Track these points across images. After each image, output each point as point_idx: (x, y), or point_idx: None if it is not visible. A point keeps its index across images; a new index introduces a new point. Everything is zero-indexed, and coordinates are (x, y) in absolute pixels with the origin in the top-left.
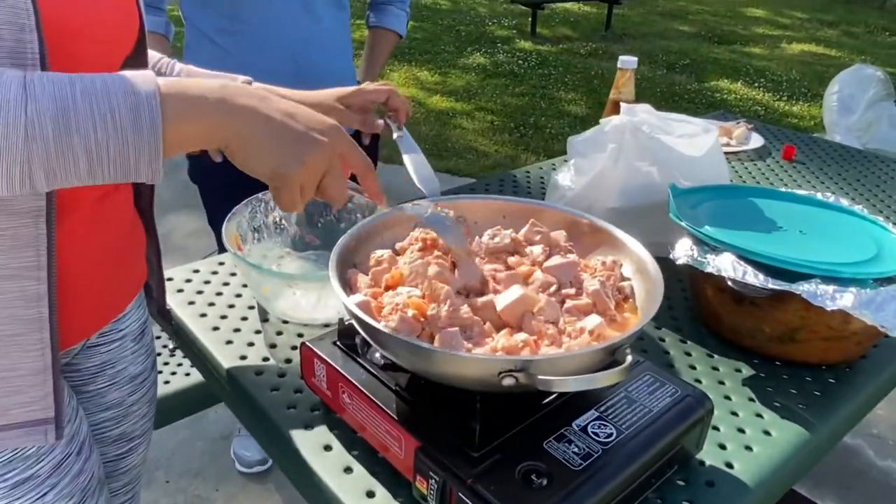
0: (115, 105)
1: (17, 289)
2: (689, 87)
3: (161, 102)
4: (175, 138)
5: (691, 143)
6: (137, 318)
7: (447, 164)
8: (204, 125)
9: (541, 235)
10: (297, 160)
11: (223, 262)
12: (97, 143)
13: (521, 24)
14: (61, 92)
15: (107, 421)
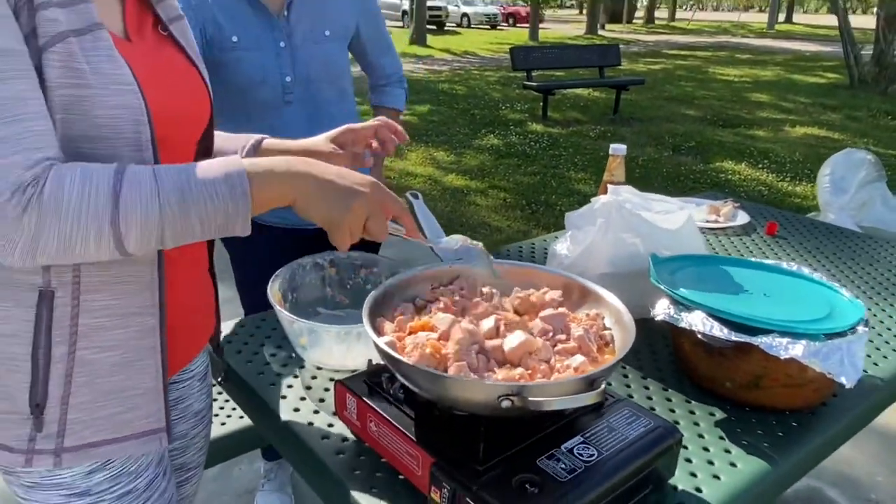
0: (218, 186)
1: (138, 323)
2: (695, 168)
3: (249, 177)
4: (259, 202)
5: (668, 219)
6: (203, 360)
7: None
8: (277, 191)
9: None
10: (345, 208)
11: (265, 318)
12: (207, 215)
13: (534, 109)
14: (179, 182)
15: (173, 451)
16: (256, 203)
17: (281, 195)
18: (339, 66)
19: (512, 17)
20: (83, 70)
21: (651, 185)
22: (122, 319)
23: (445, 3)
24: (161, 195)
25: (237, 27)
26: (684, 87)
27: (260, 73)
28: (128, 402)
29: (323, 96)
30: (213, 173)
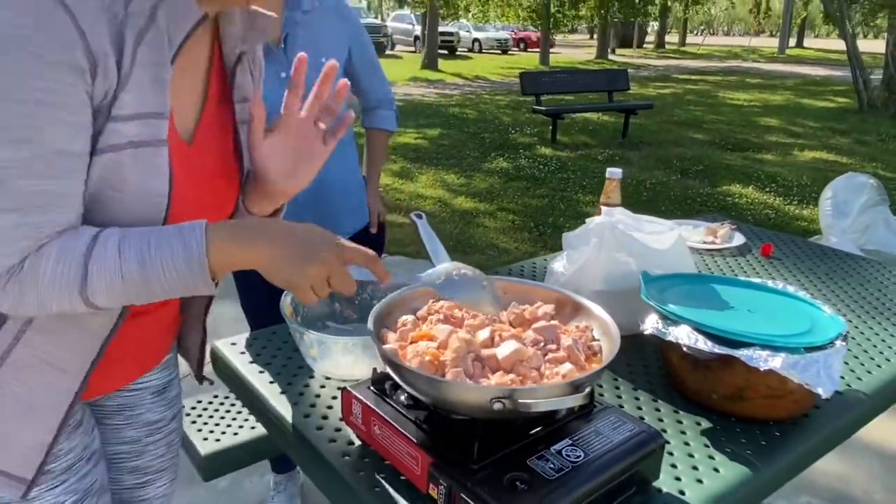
0: (176, 258)
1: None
2: (702, 192)
3: (206, 247)
4: (219, 270)
5: (658, 239)
6: (161, 377)
7: (470, 260)
8: (236, 260)
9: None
10: (302, 274)
11: (276, 331)
12: (168, 283)
13: (543, 132)
14: (140, 253)
15: (124, 453)
16: (216, 272)
17: (242, 263)
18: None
19: (523, 42)
20: (125, 180)
21: (658, 209)
22: (48, 367)
23: (457, 29)
24: (123, 267)
25: None
26: (693, 111)
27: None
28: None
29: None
30: (173, 245)
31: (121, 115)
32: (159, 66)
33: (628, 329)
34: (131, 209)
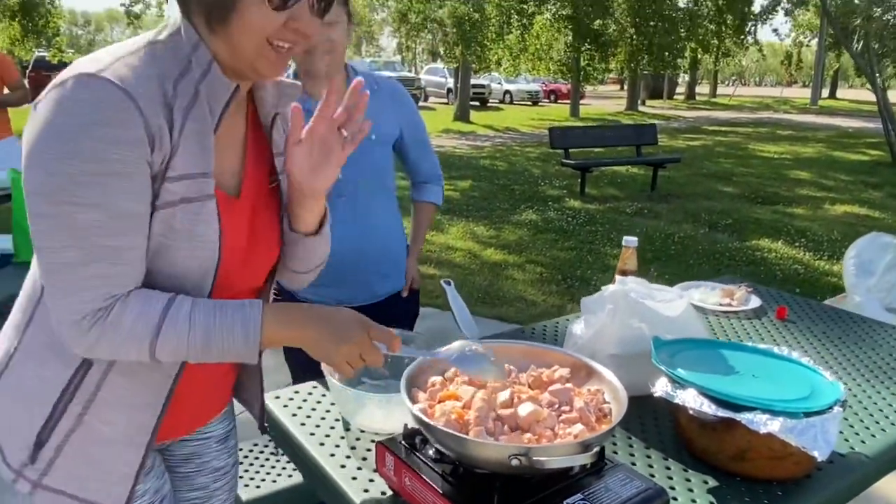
0: (235, 335)
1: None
2: (731, 246)
3: (261, 328)
4: (266, 345)
5: (669, 306)
6: (222, 427)
7: (498, 312)
8: (284, 340)
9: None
10: (337, 352)
11: (316, 385)
12: (223, 353)
13: (571, 185)
14: (207, 325)
15: (195, 498)
16: (264, 346)
17: (287, 342)
18: (383, 166)
19: (553, 94)
20: (178, 230)
21: (686, 262)
22: (128, 407)
23: (488, 81)
24: (191, 333)
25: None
26: (723, 163)
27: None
28: (100, 474)
29: (368, 192)
30: (234, 322)
31: (172, 176)
32: (203, 135)
33: (641, 390)
34: (189, 256)
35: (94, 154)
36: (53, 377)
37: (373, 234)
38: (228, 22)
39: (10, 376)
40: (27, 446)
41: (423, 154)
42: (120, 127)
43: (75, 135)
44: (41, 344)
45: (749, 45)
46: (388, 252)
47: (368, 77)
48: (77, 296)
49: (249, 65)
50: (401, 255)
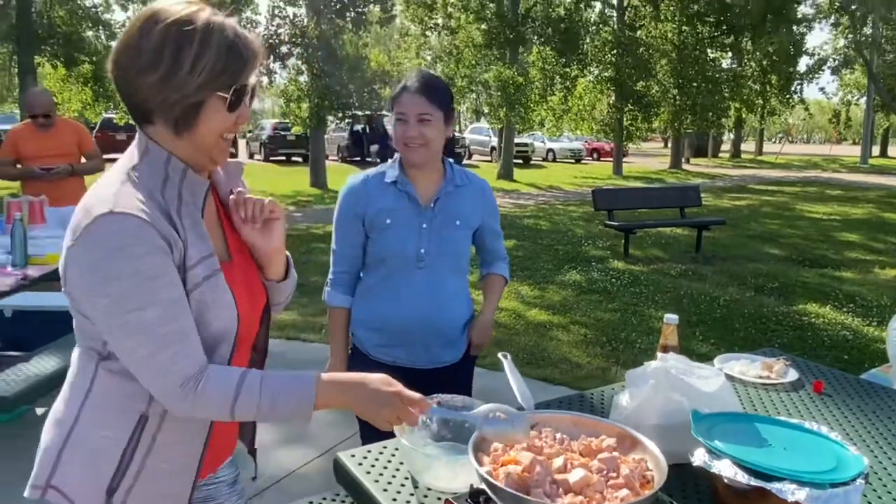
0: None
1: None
2: (777, 310)
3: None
4: (319, 408)
5: (707, 382)
6: (230, 472)
7: (543, 373)
8: (333, 404)
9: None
10: (379, 416)
11: (386, 446)
12: (283, 415)
13: (615, 246)
14: (273, 394)
15: None
16: (318, 409)
17: (336, 406)
18: (461, 247)
19: (596, 152)
20: (209, 303)
21: (732, 327)
22: (183, 442)
23: (531, 140)
24: (261, 400)
25: (392, 213)
26: (769, 224)
27: (402, 245)
28: (164, 501)
29: (445, 268)
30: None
31: (191, 264)
32: (197, 225)
33: (680, 458)
34: (219, 318)
35: (133, 269)
36: (117, 435)
37: (443, 306)
38: (195, 127)
39: (76, 444)
40: (100, 495)
41: (496, 240)
42: (146, 245)
43: (114, 261)
44: (102, 411)
45: (795, 104)
46: (455, 324)
47: (460, 172)
48: (166, 374)
49: (208, 157)
50: (464, 326)
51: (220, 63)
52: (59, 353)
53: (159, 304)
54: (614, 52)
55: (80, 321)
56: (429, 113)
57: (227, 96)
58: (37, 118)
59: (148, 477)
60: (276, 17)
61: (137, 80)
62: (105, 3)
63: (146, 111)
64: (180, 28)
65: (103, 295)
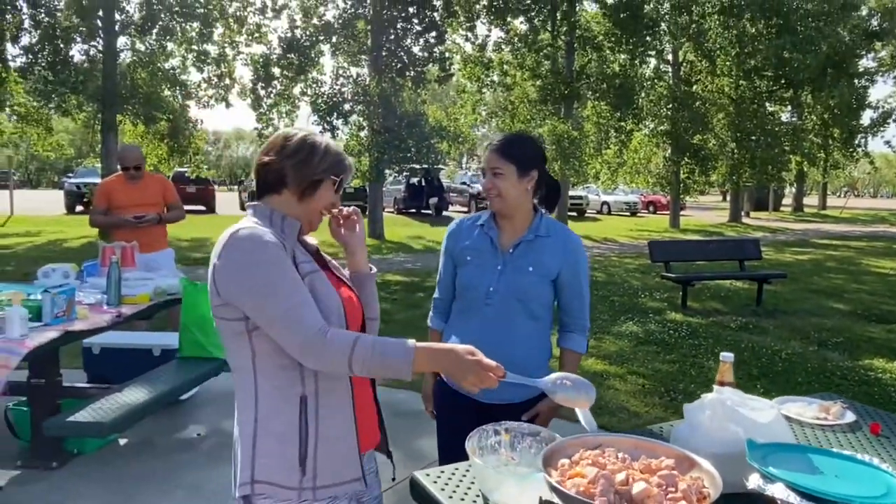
0: (399, 358)
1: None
2: (842, 365)
3: (414, 358)
4: (419, 369)
5: (761, 414)
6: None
7: (601, 421)
8: (428, 367)
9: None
10: (464, 379)
11: (457, 467)
12: (385, 367)
13: (672, 298)
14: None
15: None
16: (416, 369)
17: (431, 369)
18: (532, 293)
19: (652, 205)
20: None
21: (794, 381)
22: (338, 410)
23: (586, 192)
24: (373, 354)
25: (474, 253)
26: (833, 279)
27: (475, 281)
28: (341, 461)
29: (513, 309)
30: (399, 353)
31: (298, 262)
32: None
33: (734, 487)
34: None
35: (267, 258)
36: (290, 419)
37: (508, 346)
38: (312, 196)
39: (262, 440)
40: (295, 468)
41: (576, 299)
42: (271, 245)
43: (253, 254)
44: (271, 407)
45: (859, 158)
46: (519, 367)
47: (549, 224)
48: (302, 322)
49: (309, 220)
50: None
51: (333, 160)
52: (148, 385)
53: (289, 279)
54: (670, 106)
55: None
56: (500, 167)
57: (336, 179)
58: (128, 170)
59: (324, 444)
60: (341, 77)
61: (283, 161)
62: (182, 65)
63: (280, 182)
64: (312, 139)
65: (250, 277)
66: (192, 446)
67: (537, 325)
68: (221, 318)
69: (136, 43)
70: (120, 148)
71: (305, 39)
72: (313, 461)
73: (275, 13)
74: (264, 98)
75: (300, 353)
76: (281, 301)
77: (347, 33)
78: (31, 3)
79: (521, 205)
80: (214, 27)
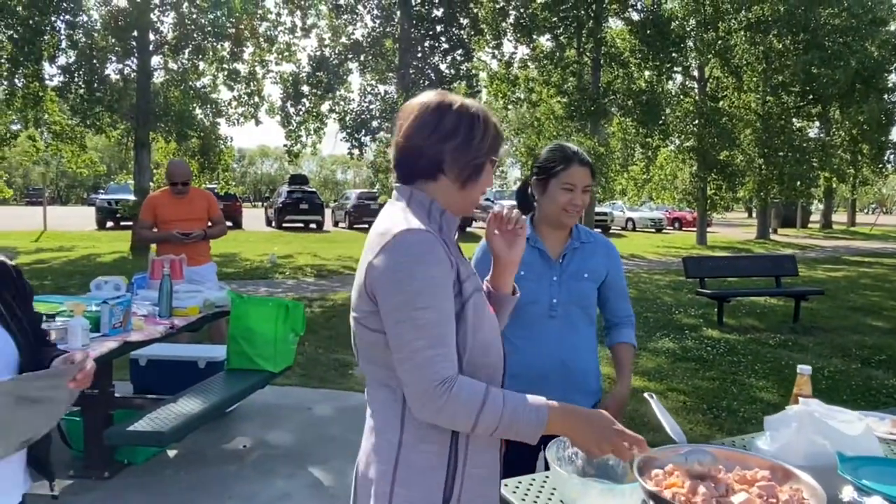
0: (531, 421)
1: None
2: (888, 383)
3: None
4: (549, 431)
5: (850, 427)
6: None
7: (647, 438)
8: (556, 431)
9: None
10: (598, 449)
11: (535, 478)
12: (517, 431)
13: (708, 314)
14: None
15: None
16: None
17: (561, 432)
18: (590, 298)
19: (678, 221)
20: (479, 312)
21: (839, 399)
22: (489, 445)
23: (611, 209)
24: (504, 413)
25: (526, 266)
26: (870, 296)
27: (535, 296)
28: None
29: (575, 317)
30: (531, 414)
31: (463, 279)
32: (457, 249)
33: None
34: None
35: (426, 274)
36: (440, 450)
37: (575, 352)
38: (476, 181)
39: (405, 467)
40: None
41: (620, 297)
42: (436, 255)
43: (414, 265)
44: (420, 431)
45: (889, 174)
46: (588, 370)
47: (585, 231)
48: (430, 369)
49: (467, 205)
50: (596, 374)
51: (493, 137)
52: (201, 396)
53: (440, 309)
54: (696, 122)
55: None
56: (591, 185)
57: (496, 159)
58: (176, 185)
59: (469, 482)
60: (368, 94)
61: (439, 145)
62: (213, 84)
63: (437, 168)
64: (468, 110)
65: (400, 292)
66: (238, 458)
67: (592, 329)
68: (368, 329)
69: (169, 62)
70: (170, 163)
71: (334, 58)
72: (457, 501)
73: (304, 32)
74: (293, 115)
75: (419, 399)
76: (422, 335)
77: (375, 52)
78: (69, 24)
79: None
80: (245, 46)
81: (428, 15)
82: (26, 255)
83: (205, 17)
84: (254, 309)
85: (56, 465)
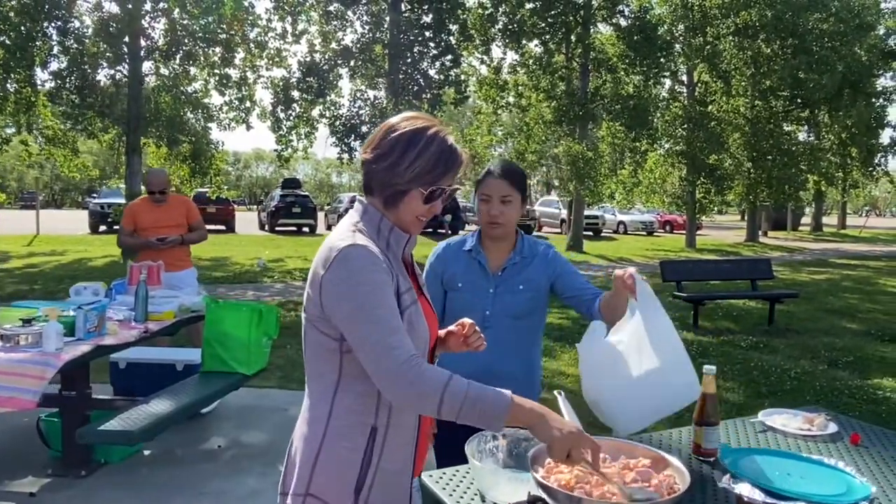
0: (493, 409)
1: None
2: (851, 384)
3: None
4: (510, 423)
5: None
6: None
7: (609, 436)
8: (518, 424)
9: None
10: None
11: (458, 470)
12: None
13: (684, 317)
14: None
15: None
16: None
17: (521, 426)
18: (526, 308)
19: (669, 224)
20: (412, 322)
21: (803, 398)
22: (402, 446)
23: (602, 212)
24: (468, 394)
25: (465, 278)
26: (848, 298)
27: (470, 306)
28: (393, 494)
29: (510, 327)
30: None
31: (402, 291)
32: (400, 266)
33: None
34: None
35: (372, 280)
36: (357, 446)
37: (507, 360)
38: (397, 207)
39: (325, 457)
40: (349, 495)
41: (577, 279)
42: (377, 265)
43: (359, 274)
44: (342, 429)
45: (879, 177)
46: (513, 375)
47: (530, 244)
48: (395, 351)
49: (405, 228)
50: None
51: (427, 167)
52: (173, 397)
53: (388, 305)
54: (685, 126)
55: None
56: (510, 195)
57: (425, 192)
58: (154, 194)
59: (381, 476)
60: (358, 100)
61: (372, 164)
62: (204, 89)
63: (369, 186)
64: (412, 135)
65: (351, 298)
66: (213, 457)
67: (534, 337)
68: (317, 329)
69: (161, 68)
70: (148, 173)
71: (324, 63)
72: (368, 491)
73: (295, 38)
74: (284, 120)
75: (390, 380)
76: (379, 329)
77: (365, 57)
78: (61, 31)
79: (514, 229)
80: (236, 52)
81: (417, 21)
82: (18, 259)
83: (196, 23)
84: (228, 313)
85: (34, 464)
